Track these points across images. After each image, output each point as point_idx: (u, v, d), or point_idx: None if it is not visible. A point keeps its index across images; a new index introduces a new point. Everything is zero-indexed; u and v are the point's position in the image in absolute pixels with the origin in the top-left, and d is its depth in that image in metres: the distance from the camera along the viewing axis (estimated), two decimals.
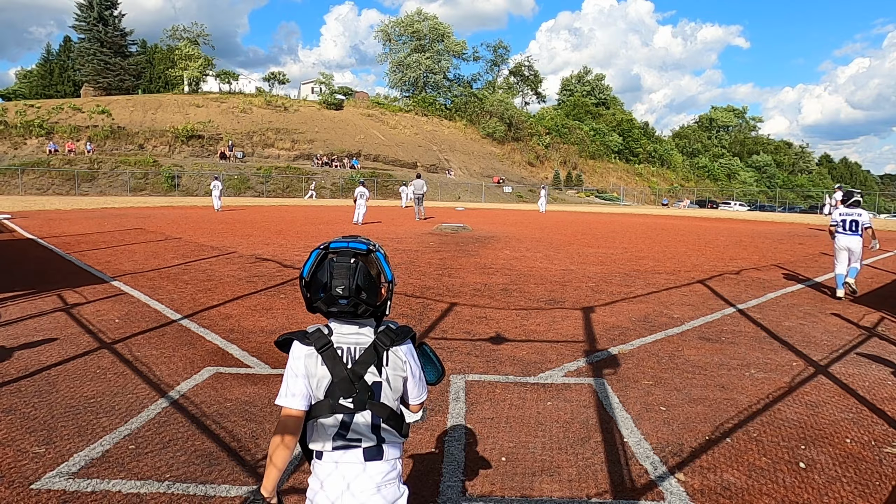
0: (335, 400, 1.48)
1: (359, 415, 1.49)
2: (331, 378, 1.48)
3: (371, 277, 1.49)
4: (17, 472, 2.70)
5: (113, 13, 57.45)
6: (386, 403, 1.51)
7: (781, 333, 5.63)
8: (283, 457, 1.51)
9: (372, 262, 1.52)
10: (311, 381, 1.50)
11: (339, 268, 1.47)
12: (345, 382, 1.48)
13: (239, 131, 50.64)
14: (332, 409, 1.49)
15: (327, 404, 1.49)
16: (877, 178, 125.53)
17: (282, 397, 1.53)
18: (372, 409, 1.49)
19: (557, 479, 2.74)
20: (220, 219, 19.83)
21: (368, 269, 1.50)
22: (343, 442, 1.49)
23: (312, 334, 1.52)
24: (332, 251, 1.51)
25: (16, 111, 43.54)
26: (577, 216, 30.46)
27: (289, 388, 1.52)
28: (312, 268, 1.51)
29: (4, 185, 36.20)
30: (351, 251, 1.50)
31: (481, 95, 76.00)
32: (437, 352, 4.73)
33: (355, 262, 1.48)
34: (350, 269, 1.47)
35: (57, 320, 5.54)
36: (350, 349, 1.50)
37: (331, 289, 1.46)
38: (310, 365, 1.50)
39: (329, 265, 1.48)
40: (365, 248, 1.52)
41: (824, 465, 2.91)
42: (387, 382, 1.51)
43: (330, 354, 1.49)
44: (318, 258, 1.51)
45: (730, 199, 63.51)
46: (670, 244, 14.78)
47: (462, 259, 10.71)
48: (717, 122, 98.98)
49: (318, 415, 1.50)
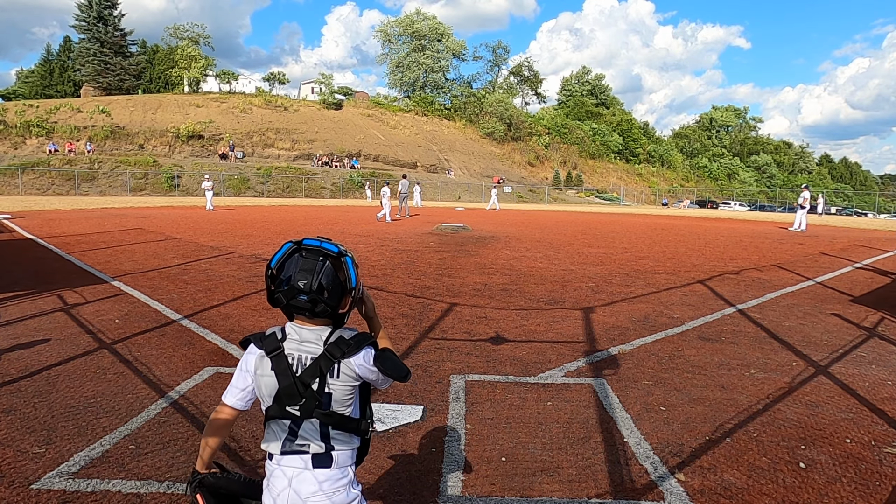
0: (282, 406, 1.48)
1: (307, 421, 1.48)
2: (278, 385, 1.47)
3: (336, 280, 1.49)
4: (17, 472, 2.70)
5: (113, 13, 57.45)
6: (336, 411, 1.49)
7: (781, 333, 5.63)
8: (215, 441, 1.57)
9: (340, 266, 1.52)
10: (260, 382, 1.50)
11: (307, 263, 1.47)
12: (291, 389, 1.46)
13: (239, 131, 50.64)
14: (281, 415, 1.48)
15: (276, 409, 1.48)
16: (877, 178, 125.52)
17: (226, 393, 1.57)
18: (319, 418, 1.48)
19: (557, 479, 2.74)
20: (221, 219, 19.83)
21: (335, 271, 1.50)
22: (291, 447, 1.48)
23: (267, 338, 1.52)
24: (304, 248, 1.52)
25: (16, 111, 43.54)
26: (577, 216, 30.45)
27: (233, 384, 1.56)
28: (281, 260, 1.51)
29: (4, 185, 36.19)
30: (322, 251, 1.51)
31: (481, 95, 76.00)
32: (437, 352, 4.74)
33: (323, 261, 1.49)
34: (316, 267, 1.47)
35: (57, 320, 5.54)
36: (301, 357, 1.49)
37: (294, 282, 1.46)
38: (259, 367, 1.50)
39: (297, 260, 1.49)
40: (336, 250, 1.52)
41: (824, 465, 2.91)
42: (336, 391, 1.49)
43: (278, 360, 1.48)
44: (288, 252, 1.52)
45: (730, 200, 63.53)
46: (670, 244, 14.77)
47: (462, 259, 10.71)
48: (717, 122, 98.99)
49: (270, 417, 1.51)
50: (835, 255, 12.70)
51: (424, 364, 4.45)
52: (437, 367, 4.39)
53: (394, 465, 2.85)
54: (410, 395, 3.80)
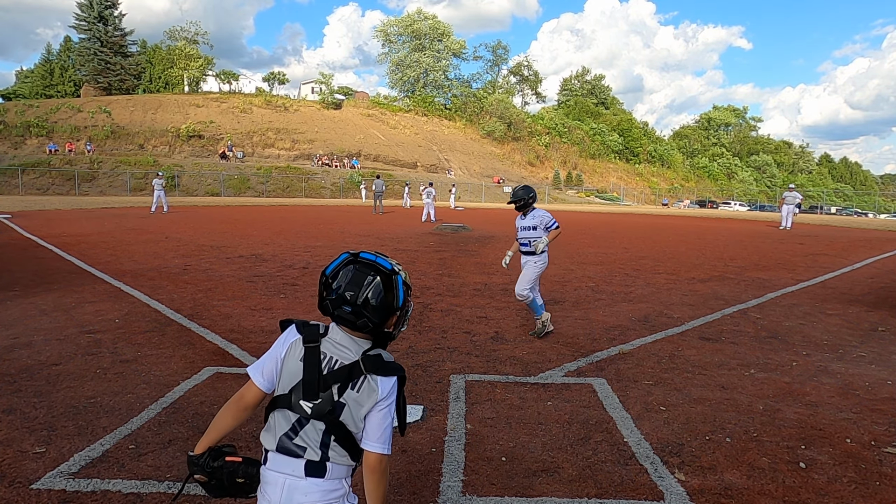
0: (297, 398, 1.46)
1: (311, 423, 1.46)
2: (302, 376, 1.47)
3: (384, 298, 1.50)
4: (17, 472, 2.70)
5: (113, 13, 57.45)
6: (343, 423, 1.46)
7: (781, 333, 5.63)
8: (225, 424, 1.53)
9: (390, 285, 1.52)
10: (283, 369, 1.49)
11: (357, 277, 1.49)
12: (312, 385, 1.45)
13: (239, 131, 50.64)
14: (290, 407, 1.47)
15: (287, 399, 1.47)
16: (877, 178, 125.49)
17: (253, 369, 1.54)
18: (327, 423, 1.45)
19: (557, 479, 2.74)
20: (221, 219, 19.82)
21: (384, 288, 1.50)
22: (288, 444, 1.46)
23: (310, 327, 1.53)
24: (359, 260, 1.53)
25: (16, 111, 43.55)
26: (577, 216, 30.45)
27: (264, 364, 1.53)
28: (336, 269, 1.53)
29: (4, 185, 36.19)
30: (375, 266, 1.52)
31: (481, 95, 75.99)
32: (437, 352, 4.74)
33: (373, 277, 1.50)
34: (365, 281, 1.49)
35: (57, 320, 5.54)
36: (331, 359, 1.48)
37: (342, 293, 1.48)
38: (290, 353, 1.50)
39: (350, 271, 1.51)
40: (389, 267, 1.53)
41: (824, 465, 2.91)
42: (351, 405, 1.46)
43: (312, 352, 1.48)
44: (343, 262, 1.54)
45: (730, 199, 63.52)
46: (670, 244, 14.77)
47: (462, 259, 10.71)
48: (717, 122, 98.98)
49: (275, 407, 1.49)
50: (835, 255, 12.70)
51: (424, 364, 4.45)
52: (437, 367, 4.39)
53: (394, 465, 2.85)
54: (410, 395, 3.80)
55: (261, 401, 1.54)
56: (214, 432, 1.54)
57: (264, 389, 1.52)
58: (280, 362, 1.50)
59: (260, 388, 1.52)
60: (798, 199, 21.80)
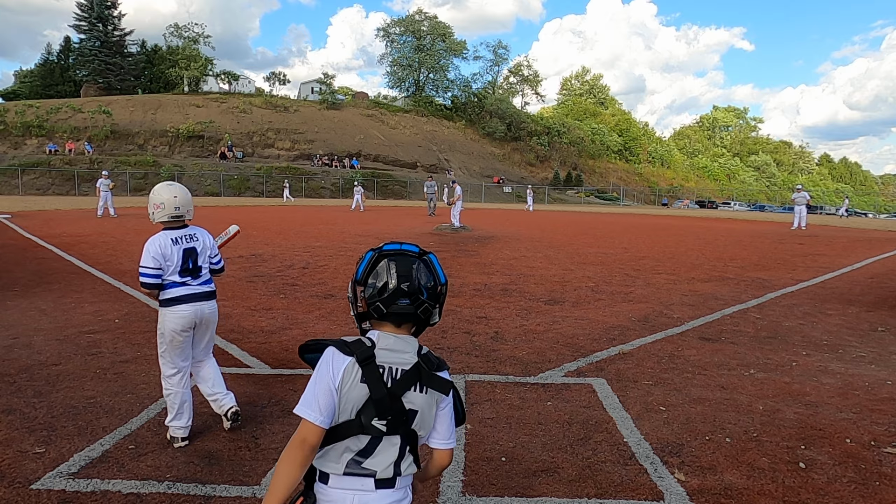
0: (368, 420, 1.37)
1: (386, 440, 1.39)
2: (368, 395, 1.37)
3: (430, 278, 1.46)
4: (17, 472, 2.70)
5: (113, 13, 57.46)
6: (416, 430, 1.42)
7: (781, 333, 5.63)
8: (293, 478, 1.37)
9: (428, 265, 1.48)
10: (344, 397, 1.37)
11: (401, 267, 1.42)
12: (383, 402, 1.37)
13: (239, 131, 50.65)
14: (362, 429, 1.37)
15: (357, 423, 1.37)
16: (877, 178, 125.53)
17: (307, 408, 1.37)
18: (402, 435, 1.40)
19: (557, 479, 2.74)
20: (221, 219, 19.82)
21: (428, 270, 1.47)
22: (357, 469, 1.39)
23: (353, 344, 1.41)
24: (387, 253, 1.47)
25: (16, 111, 43.55)
26: (577, 216, 30.45)
27: (318, 401, 1.37)
28: (368, 270, 1.45)
29: (4, 185, 36.20)
30: (406, 253, 1.47)
31: (481, 95, 76.00)
32: (437, 352, 4.73)
33: (414, 261, 1.45)
34: (412, 269, 1.43)
35: (57, 320, 5.54)
36: (391, 369, 1.40)
37: (394, 287, 1.40)
38: (347, 378, 1.37)
39: (387, 265, 1.43)
40: (418, 250, 1.49)
41: (824, 465, 2.91)
42: (424, 409, 1.42)
43: (371, 369, 1.38)
44: (372, 260, 1.46)
45: (730, 200, 63.54)
46: (670, 244, 14.78)
47: (462, 259, 10.71)
48: (717, 123, 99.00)
49: (345, 435, 1.38)
50: (835, 255, 12.70)
51: None
52: None
53: None
54: None
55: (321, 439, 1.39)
56: (284, 489, 1.36)
57: (325, 426, 1.37)
58: (336, 392, 1.37)
59: (320, 426, 1.36)
60: (807, 198, 21.88)
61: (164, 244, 3.03)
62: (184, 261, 3.06)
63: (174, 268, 3.03)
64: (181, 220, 3.13)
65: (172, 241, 3.04)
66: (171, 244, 3.04)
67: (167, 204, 3.04)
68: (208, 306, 3.14)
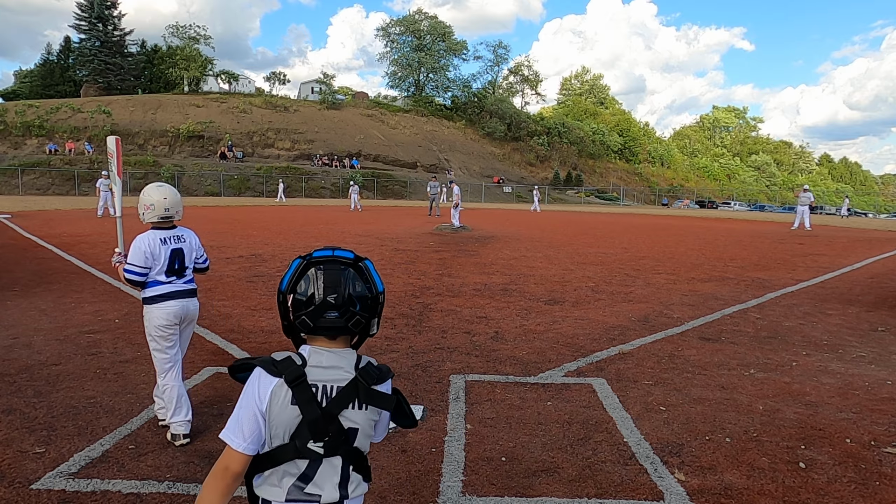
0: (303, 443, 1.27)
1: (326, 462, 1.30)
2: (301, 418, 1.27)
3: (363, 287, 1.35)
4: (17, 472, 2.70)
5: (113, 13, 57.46)
6: (359, 448, 1.34)
7: (781, 333, 5.63)
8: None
9: (363, 273, 1.37)
10: (273, 421, 1.28)
11: (329, 276, 1.32)
12: (317, 423, 1.27)
13: (239, 131, 50.65)
14: (298, 454, 1.28)
15: (292, 448, 1.28)
16: (877, 178, 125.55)
17: (231, 434, 1.30)
18: (343, 456, 1.32)
19: (557, 479, 2.74)
20: (221, 219, 19.83)
21: (361, 279, 1.36)
22: (299, 495, 1.29)
23: (281, 363, 1.30)
24: (316, 260, 1.35)
25: (16, 111, 43.56)
26: (577, 216, 30.45)
27: (243, 426, 1.29)
28: (294, 279, 1.34)
29: (4, 185, 36.20)
30: (338, 260, 1.35)
31: (481, 95, 76.00)
32: (437, 352, 4.74)
33: (345, 271, 1.34)
34: (342, 278, 1.32)
35: (57, 320, 5.54)
36: (326, 387, 1.30)
37: (320, 300, 1.30)
38: (275, 401, 1.27)
39: (314, 275, 1.32)
40: (352, 256, 1.37)
41: (824, 465, 2.91)
42: (364, 425, 1.34)
43: (302, 389, 1.28)
44: (299, 269, 1.35)
45: (730, 200, 63.55)
46: (670, 244, 14.78)
47: (462, 259, 10.71)
48: (717, 123, 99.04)
49: (280, 460, 1.29)
50: (835, 255, 12.70)
51: (424, 364, 4.45)
52: (437, 367, 4.39)
53: (394, 465, 2.85)
54: (410, 395, 3.80)
55: (247, 465, 1.31)
56: None
57: (250, 453, 1.29)
58: (262, 416, 1.28)
59: (245, 454, 1.29)
60: (810, 199, 21.88)
61: (153, 243, 3.05)
62: (171, 261, 3.10)
63: (161, 267, 3.08)
64: (170, 220, 3.16)
65: (161, 241, 3.08)
66: (160, 244, 3.07)
67: (157, 205, 3.06)
68: (192, 303, 3.22)
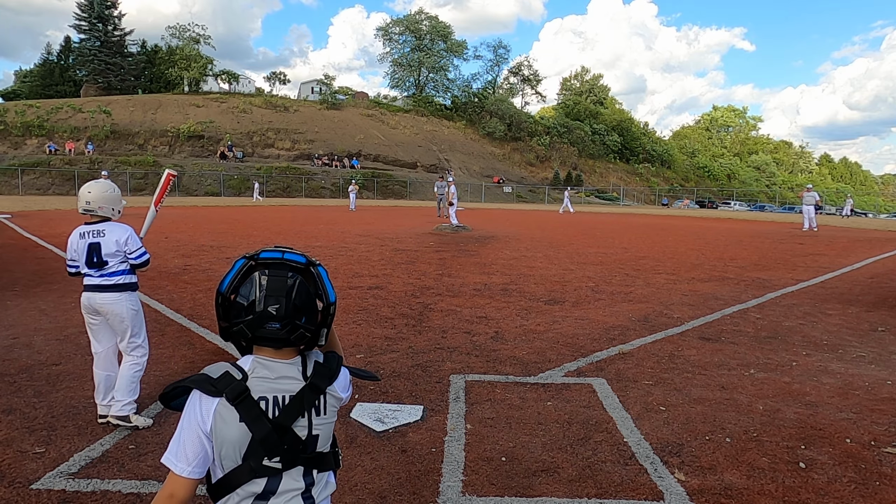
0: (258, 463, 1.18)
1: (287, 475, 1.21)
2: (250, 436, 1.17)
3: (311, 297, 1.23)
4: (17, 472, 2.70)
5: (113, 13, 57.45)
6: (321, 451, 1.26)
7: (781, 333, 5.63)
8: None
9: (314, 280, 1.25)
10: (220, 441, 1.18)
11: (274, 283, 1.19)
12: (269, 439, 1.18)
13: (239, 131, 50.65)
14: (254, 474, 1.19)
15: (247, 469, 1.18)
16: (877, 179, 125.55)
17: (174, 458, 1.19)
18: (305, 465, 1.23)
19: (557, 479, 2.74)
20: (221, 219, 19.83)
21: (310, 287, 1.24)
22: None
23: (219, 380, 1.20)
24: (262, 262, 1.22)
25: (16, 111, 43.55)
26: (577, 216, 30.46)
27: (186, 450, 1.18)
28: (236, 282, 1.21)
29: (4, 185, 36.20)
30: (287, 264, 1.23)
31: (481, 95, 75.99)
32: (437, 352, 4.74)
33: (293, 277, 1.22)
34: (287, 286, 1.20)
35: (57, 320, 5.54)
36: (275, 398, 1.21)
37: (260, 309, 1.18)
38: (219, 422, 1.17)
39: (257, 280, 1.20)
40: (304, 261, 1.25)
41: (824, 465, 2.91)
42: (323, 429, 1.25)
43: (249, 406, 1.18)
44: (242, 270, 1.22)
45: (730, 199, 63.54)
46: (670, 244, 14.78)
47: (462, 259, 10.71)
48: (717, 122, 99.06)
49: (237, 484, 1.19)
50: (835, 255, 12.70)
51: (424, 364, 4.45)
52: (437, 367, 4.39)
53: (394, 465, 2.85)
54: (410, 395, 3.80)
55: (195, 491, 1.22)
56: None
57: (195, 478, 1.19)
58: (207, 437, 1.18)
59: (190, 479, 1.19)
60: (815, 198, 21.80)
61: (73, 238, 3.27)
62: (88, 254, 3.24)
63: (82, 260, 3.26)
64: (92, 214, 3.27)
65: (80, 236, 3.25)
66: (79, 238, 3.24)
67: (80, 198, 3.24)
68: (100, 297, 3.28)
